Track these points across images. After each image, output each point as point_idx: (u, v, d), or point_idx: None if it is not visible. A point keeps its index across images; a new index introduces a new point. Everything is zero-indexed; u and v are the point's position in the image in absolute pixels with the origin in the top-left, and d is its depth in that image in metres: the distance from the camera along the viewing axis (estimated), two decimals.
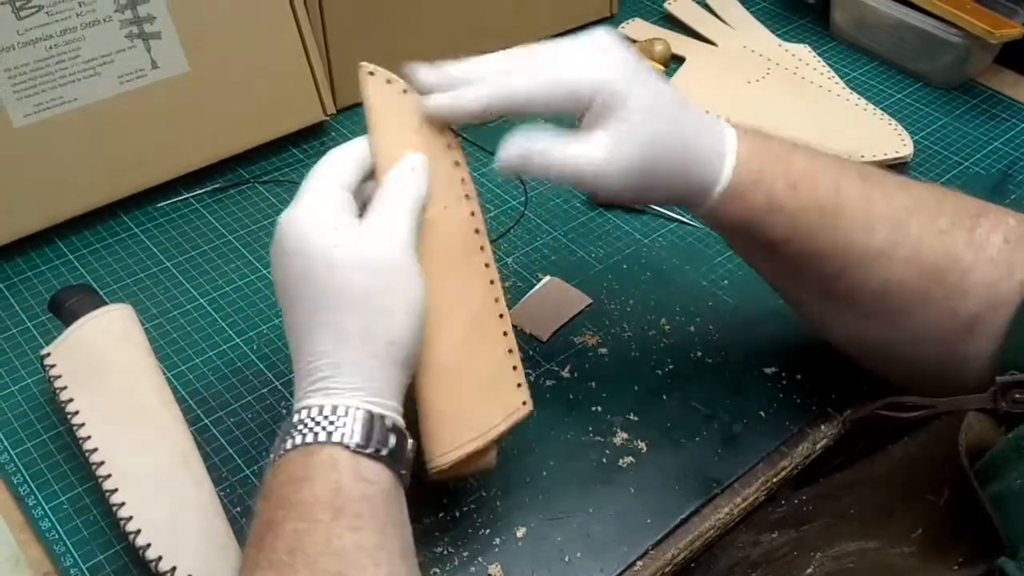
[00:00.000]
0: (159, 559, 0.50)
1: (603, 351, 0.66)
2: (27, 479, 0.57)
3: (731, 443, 0.60)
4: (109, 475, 0.53)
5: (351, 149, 0.50)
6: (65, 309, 0.59)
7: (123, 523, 0.51)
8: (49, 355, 0.57)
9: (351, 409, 0.44)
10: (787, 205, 0.51)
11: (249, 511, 0.44)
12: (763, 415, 0.62)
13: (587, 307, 0.69)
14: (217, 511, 0.53)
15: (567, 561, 0.54)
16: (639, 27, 1.00)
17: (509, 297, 0.66)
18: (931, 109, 0.91)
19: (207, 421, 0.61)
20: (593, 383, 0.64)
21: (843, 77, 0.94)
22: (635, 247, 0.75)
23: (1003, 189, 0.82)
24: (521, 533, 0.55)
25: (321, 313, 0.45)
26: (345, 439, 0.43)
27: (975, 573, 0.41)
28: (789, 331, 0.65)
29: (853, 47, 0.99)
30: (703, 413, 0.62)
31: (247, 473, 0.58)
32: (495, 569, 0.53)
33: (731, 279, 0.72)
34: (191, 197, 0.78)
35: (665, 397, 0.63)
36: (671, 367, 0.65)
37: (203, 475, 0.54)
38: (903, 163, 0.82)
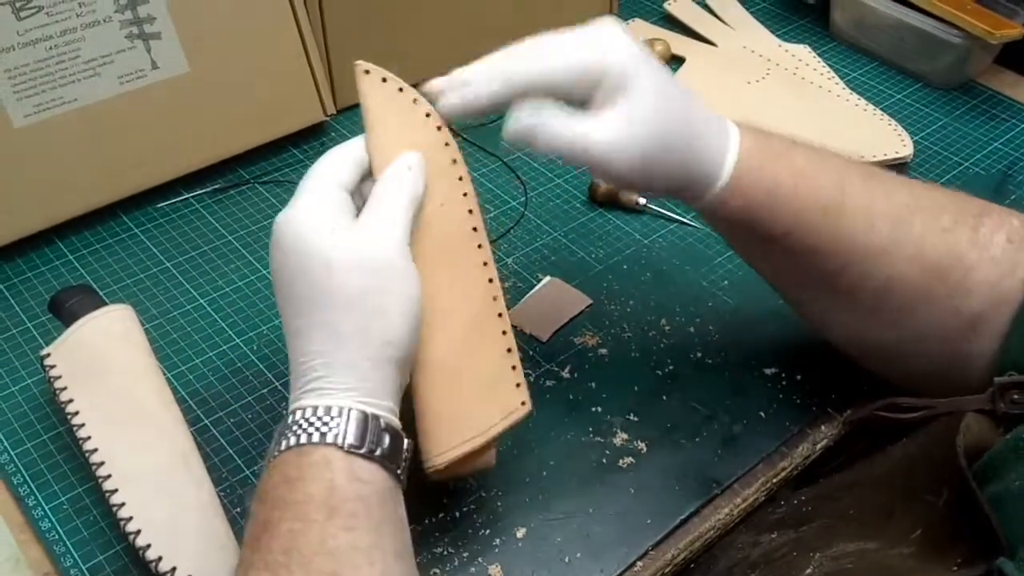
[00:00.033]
0: (159, 559, 0.50)
1: (603, 352, 0.66)
2: (27, 479, 0.57)
3: (731, 444, 0.60)
4: (109, 475, 0.53)
5: (349, 149, 0.50)
6: (65, 310, 0.59)
7: (123, 523, 0.51)
8: (49, 355, 0.57)
9: (344, 410, 0.44)
10: (789, 199, 0.51)
11: (249, 512, 0.44)
12: (763, 416, 0.62)
13: (587, 307, 0.69)
14: (217, 511, 0.53)
15: (567, 562, 0.54)
16: (639, 27, 1.00)
17: (509, 297, 0.66)
18: (931, 109, 0.91)
19: (207, 421, 0.61)
20: (593, 383, 0.64)
21: (843, 77, 0.94)
22: (635, 248, 0.75)
23: (1003, 189, 0.82)
24: (521, 533, 0.55)
25: (316, 313, 0.45)
26: (338, 440, 0.43)
27: (974, 574, 0.41)
28: (789, 332, 0.66)
29: (853, 47, 0.99)
30: (703, 414, 0.62)
31: (247, 474, 0.58)
32: (495, 569, 0.53)
33: (731, 280, 0.72)
34: (191, 197, 0.78)
35: (665, 398, 0.63)
36: (671, 368, 0.65)
37: (203, 475, 0.54)
38: (903, 163, 0.82)
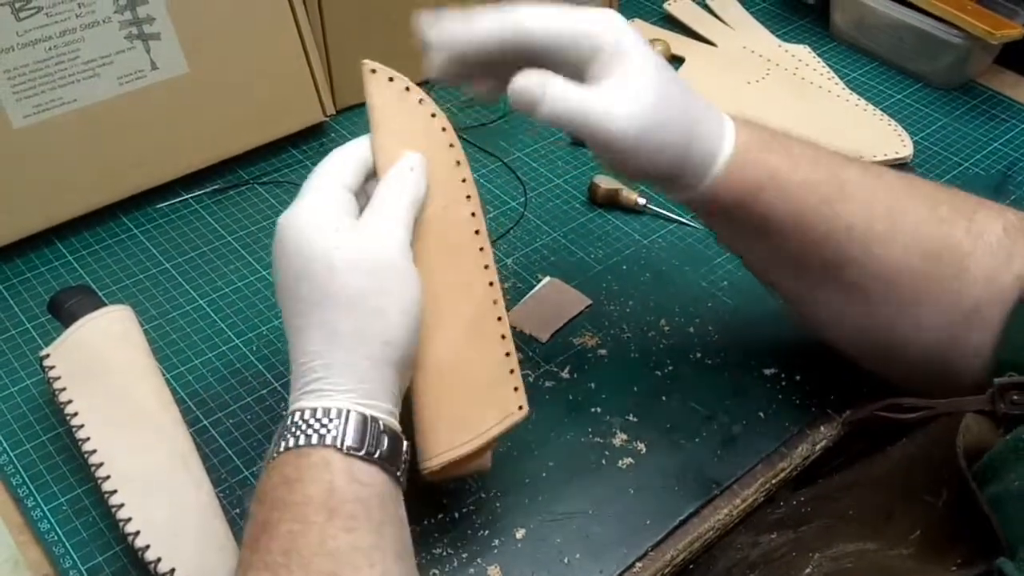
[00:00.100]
0: (158, 560, 0.50)
1: (602, 352, 0.66)
2: (26, 480, 0.57)
3: (730, 444, 0.60)
4: (108, 476, 0.53)
5: (353, 149, 0.50)
6: (64, 310, 0.59)
7: (122, 524, 0.51)
8: (48, 356, 0.57)
9: (343, 411, 0.44)
10: (787, 186, 0.51)
11: (248, 513, 0.44)
12: (762, 416, 0.62)
13: (586, 308, 0.69)
14: (216, 512, 0.53)
15: (566, 562, 0.54)
16: (639, 27, 1.00)
17: (508, 298, 0.66)
18: (931, 110, 0.91)
19: (206, 422, 0.61)
20: (592, 384, 0.64)
21: (843, 78, 0.94)
22: (635, 248, 0.75)
23: (1003, 190, 0.82)
24: (520, 534, 0.55)
25: (317, 313, 0.45)
26: (337, 442, 0.43)
27: (973, 574, 0.41)
28: (788, 332, 0.65)
29: (853, 48, 0.99)
30: (702, 414, 0.62)
31: (246, 474, 0.58)
32: (494, 570, 0.53)
33: (731, 280, 0.72)
34: (190, 198, 0.78)
35: (664, 398, 0.63)
36: (670, 368, 0.65)
37: (202, 476, 0.54)
38: (903, 164, 0.82)
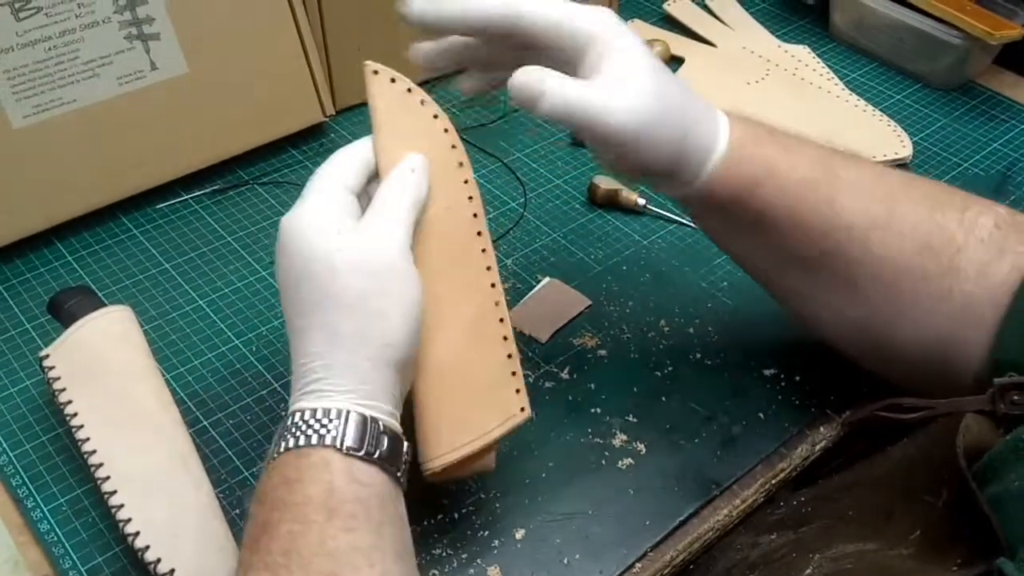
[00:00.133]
0: (158, 561, 0.50)
1: (602, 353, 0.66)
2: (26, 481, 0.57)
3: (730, 445, 0.60)
4: (108, 477, 0.53)
5: (356, 150, 0.50)
6: (64, 311, 0.59)
7: (122, 525, 0.51)
8: (48, 357, 0.57)
9: (343, 412, 0.44)
10: (784, 179, 0.52)
11: (248, 513, 0.44)
12: (762, 417, 0.62)
13: (586, 309, 0.69)
14: (216, 513, 0.53)
15: (566, 563, 0.54)
16: (638, 28, 1.00)
17: (508, 299, 0.66)
18: (930, 110, 0.91)
19: (206, 423, 0.61)
20: (592, 385, 0.64)
21: (842, 78, 0.94)
22: (634, 248, 0.75)
23: (1003, 190, 0.82)
24: (520, 535, 0.55)
25: (318, 314, 0.45)
26: (337, 442, 0.43)
27: (973, 574, 0.40)
28: (788, 333, 0.65)
29: (852, 48, 0.99)
30: (702, 415, 0.62)
31: (246, 475, 0.58)
32: (494, 571, 0.53)
33: (730, 281, 0.72)
34: (190, 199, 0.78)
35: (664, 399, 0.63)
36: (670, 369, 0.65)
37: (202, 477, 0.54)
38: (902, 164, 0.83)
